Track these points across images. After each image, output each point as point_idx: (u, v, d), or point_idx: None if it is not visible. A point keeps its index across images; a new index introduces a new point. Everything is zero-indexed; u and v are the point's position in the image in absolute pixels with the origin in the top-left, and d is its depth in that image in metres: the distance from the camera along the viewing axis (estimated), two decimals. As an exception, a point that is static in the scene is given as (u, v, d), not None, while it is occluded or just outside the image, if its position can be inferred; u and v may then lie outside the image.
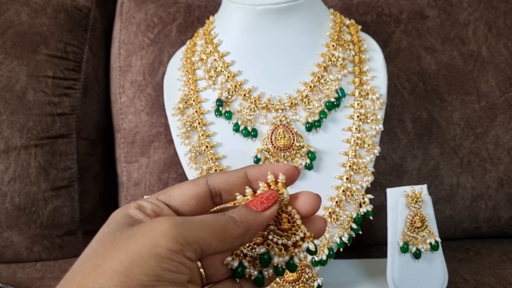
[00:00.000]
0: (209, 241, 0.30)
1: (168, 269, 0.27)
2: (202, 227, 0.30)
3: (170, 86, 0.61)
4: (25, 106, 0.72)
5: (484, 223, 0.75)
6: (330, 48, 0.57)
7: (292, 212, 0.34)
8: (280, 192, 0.34)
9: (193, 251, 0.29)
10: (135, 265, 0.26)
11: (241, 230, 0.31)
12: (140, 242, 0.28)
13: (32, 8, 0.77)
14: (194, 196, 0.35)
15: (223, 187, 0.35)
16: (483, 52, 0.75)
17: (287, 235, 0.34)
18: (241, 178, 0.35)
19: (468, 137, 0.73)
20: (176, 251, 0.28)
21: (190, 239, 0.28)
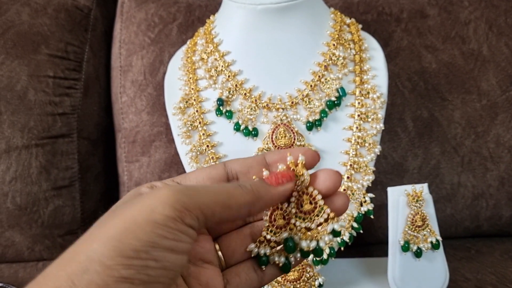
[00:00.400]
0: (212, 207, 0.29)
1: (164, 236, 0.26)
2: (205, 193, 0.29)
3: (171, 86, 0.62)
4: (26, 106, 0.72)
5: (485, 221, 0.75)
6: (331, 47, 0.56)
7: (314, 193, 0.33)
8: (300, 173, 0.33)
9: (194, 218, 0.28)
10: (129, 231, 0.26)
11: (249, 197, 0.30)
12: (137, 209, 0.27)
13: (32, 8, 0.77)
14: (209, 178, 0.34)
15: (239, 169, 0.35)
16: (484, 51, 0.74)
17: (310, 217, 0.33)
18: (259, 161, 0.35)
19: (469, 136, 0.73)
20: (173, 217, 0.27)
21: (190, 206, 0.28)
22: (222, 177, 0.34)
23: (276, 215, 0.33)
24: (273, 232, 0.33)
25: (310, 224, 0.33)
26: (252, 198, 0.31)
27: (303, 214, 0.33)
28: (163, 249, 0.26)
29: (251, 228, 0.35)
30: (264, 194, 0.31)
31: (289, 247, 0.33)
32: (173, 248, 0.27)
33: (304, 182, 0.33)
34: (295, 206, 0.33)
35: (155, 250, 0.26)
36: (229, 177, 0.35)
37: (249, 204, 0.31)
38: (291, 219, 0.33)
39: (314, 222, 0.33)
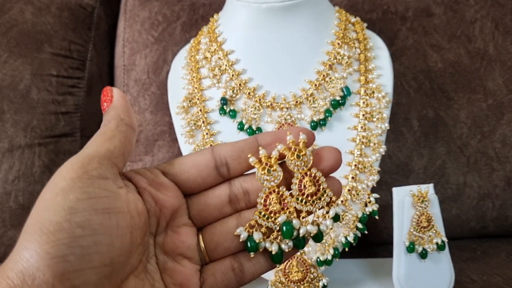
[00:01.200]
0: (112, 149, 0.30)
1: (77, 199, 0.26)
2: (90, 145, 0.30)
3: (174, 85, 0.61)
4: (29, 105, 0.72)
5: (491, 222, 0.74)
6: (336, 46, 0.56)
7: (317, 175, 0.31)
8: (303, 153, 0.31)
9: (98, 167, 0.28)
10: (43, 209, 0.26)
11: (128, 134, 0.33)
12: (46, 188, 0.27)
13: (36, 6, 0.77)
14: (195, 164, 0.32)
15: (229, 154, 0.32)
16: (490, 50, 0.74)
17: (312, 200, 0.31)
18: (250, 143, 0.33)
19: (475, 135, 0.72)
20: (77, 176, 0.27)
21: (85, 160, 0.28)
22: (210, 163, 0.32)
23: (271, 199, 0.31)
24: (266, 217, 0.31)
25: (312, 207, 0.31)
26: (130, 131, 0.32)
27: (305, 197, 0.31)
28: (83, 212, 0.26)
29: (237, 219, 0.33)
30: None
31: (287, 231, 0.31)
32: (94, 206, 0.26)
33: (307, 162, 0.31)
34: (297, 188, 0.31)
35: (75, 216, 0.25)
36: (217, 163, 0.32)
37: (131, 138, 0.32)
38: (291, 202, 0.32)
39: (316, 206, 0.31)
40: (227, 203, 0.33)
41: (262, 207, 0.31)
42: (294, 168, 0.31)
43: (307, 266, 0.54)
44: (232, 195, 0.33)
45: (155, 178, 0.32)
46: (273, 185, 0.31)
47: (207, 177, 0.32)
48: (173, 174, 0.32)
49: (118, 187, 0.29)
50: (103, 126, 0.31)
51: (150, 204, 0.31)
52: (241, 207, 0.33)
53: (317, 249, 0.54)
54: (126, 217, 0.28)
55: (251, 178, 0.33)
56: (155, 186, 0.31)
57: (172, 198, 0.32)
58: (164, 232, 0.32)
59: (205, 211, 0.33)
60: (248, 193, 0.33)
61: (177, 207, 0.32)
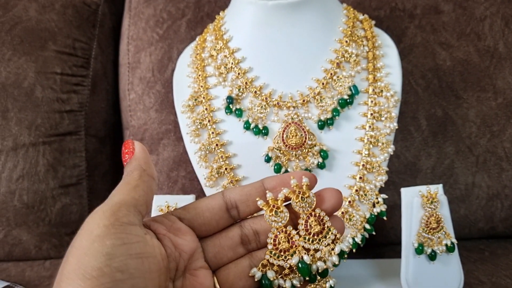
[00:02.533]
0: (137, 198, 0.31)
1: (113, 244, 0.27)
2: (117, 193, 0.32)
3: (180, 83, 0.61)
4: (33, 103, 0.71)
5: (500, 223, 0.73)
6: (343, 44, 0.55)
7: (321, 214, 0.34)
8: (306, 195, 0.34)
9: (127, 214, 0.29)
10: (82, 255, 0.27)
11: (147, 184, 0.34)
12: (80, 235, 0.28)
13: (40, 3, 0.76)
14: (208, 208, 0.35)
15: (238, 198, 0.35)
16: (500, 47, 0.73)
17: (318, 239, 0.34)
18: (257, 187, 0.36)
19: (484, 135, 0.71)
20: (110, 224, 0.28)
21: (115, 208, 0.29)
22: (222, 207, 0.35)
23: (280, 239, 0.34)
24: (277, 256, 0.34)
25: (319, 245, 0.34)
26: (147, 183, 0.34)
27: (312, 236, 0.34)
28: (120, 257, 0.27)
29: (250, 259, 0.35)
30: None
31: (303, 269, 0.33)
32: (129, 252, 0.28)
33: (311, 203, 0.34)
34: (303, 228, 0.34)
35: (114, 261, 0.27)
36: (228, 206, 0.35)
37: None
38: (299, 241, 0.34)
39: (322, 244, 0.34)
40: (240, 244, 0.36)
41: (273, 247, 0.34)
42: (299, 209, 0.34)
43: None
44: (243, 236, 0.36)
45: (172, 224, 0.34)
46: (280, 225, 0.34)
47: (220, 220, 0.35)
48: (189, 219, 0.35)
49: (144, 233, 0.31)
50: (126, 176, 0.34)
51: (171, 249, 0.33)
52: (252, 247, 0.36)
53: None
54: (155, 261, 0.30)
55: (260, 220, 0.36)
56: (173, 232, 0.34)
57: (190, 242, 0.34)
58: (183, 276, 0.34)
59: (221, 252, 0.35)
60: (258, 234, 0.36)
61: (194, 251, 0.34)
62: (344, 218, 0.53)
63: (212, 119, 0.56)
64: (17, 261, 0.75)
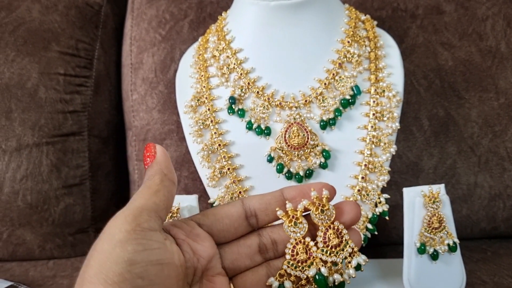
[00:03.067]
0: (158, 203, 0.31)
1: (134, 250, 0.28)
2: (138, 198, 0.32)
3: (182, 84, 0.61)
4: (37, 104, 0.71)
5: (502, 223, 0.73)
6: (345, 45, 0.55)
7: (340, 227, 0.34)
8: (326, 207, 0.34)
9: (148, 220, 0.29)
10: (104, 260, 0.27)
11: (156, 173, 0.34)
12: (101, 239, 0.29)
13: (43, 4, 0.76)
14: (228, 215, 0.35)
15: (258, 207, 0.35)
16: (502, 47, 0.73)
17: (336, 251, 0.34)
18: (277, 197, 0.36)
19: (486, 135, 0.71)
20: (132, 229, 0.28)
21: (136, 212, 0.30)
22: (241, 215, 0.35)
23: (298, 249, 0.34)
24: (294, 266, 0.34)
25: (336, 258, 0.34)
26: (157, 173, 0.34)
27: (330, 248, 0.34)
28: (141, 263, 0.27)
29: (267, 268, 0.35)
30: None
31: (320, 281, 0.33)
32: (150, 258, 0.28)
33: (330, 216, 0.34)
34: (322, 240, 0.34)
35: (135, 267, 0.27)
36: (247, 214, 0.35)
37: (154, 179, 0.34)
38: (316, 253, 0.34)
39: (339, 256, 0.34)
40: (257, 252, 0.36)
41: (290, 257, 0.34)
42: (318, 221, 0.34)
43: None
44: (261, 244, 0.36)
45: (192, 229, 0.34)
46: (299, 236, 0.34)
47: (238, 227, 0.35)
48: (208, 225, 0.35)
49: (164, 239, 0.31)
50: (148, 180, 0.34)
51: (189, 254, 0.33)
52: (270, 256, 0.36)
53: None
54: (174, 268, 0.30)
55: (278, 229, 0.36)
56: (192, 238, 0.34)
57: (209, 248, 0.34)
58: (200, 282, 0.34)
59: (238, 260, 0.35)
60: (276, 243, 0.36)
61: (212, 257, 0.34)
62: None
63: (215, 120, 0.56)
64: (21, 261, 0.75)
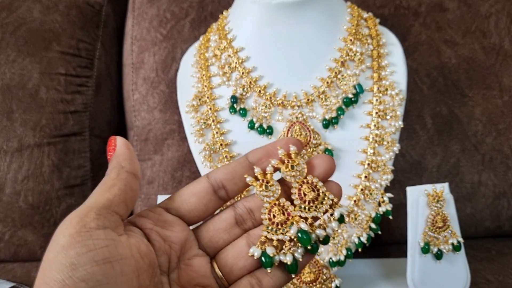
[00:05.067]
0: (112, 198, 0.30)
1: (78, 253, 0.26)
2: (91, 197, 0.31)
3: (184, 83, 0.60)
4: (38, 104, 0.71)
5: (507, 221, 0.73)
6: (348, 43, 0.55)
7: (314, 181, 0.33)
8: (296, 163, 0.32)
9: (93, 219, 0.28)
10: (48, 268, 0.27)
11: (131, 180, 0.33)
12: (48, 248, 0.28)
13: (44, 5, 0.76)
14: (194, 193, 0.34)
15: (224, 177, 0.34)
16: (506, 45, 0.72)
17: (314, 206, 0.32)
18: (242, 163, 0.34)
19: (490, 133, 0.71)
20: (76, 232, 0.27)
21: (83, 213, 0.29)
22: (208, 190, 0.34)
23: (274, 212, 0.33)
24: (274, 230, 0.32)
25: (317, 212, 0.32)
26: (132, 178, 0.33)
27: (307, 204, 0.32)
28: (84, 266, 0.26)
29: (247, 238, 0.34)
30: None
31: (304, 239, 0.31)
32: (95, 258, 0.27)
33: (302, 171, 0.32)
34: (297, 197, 0.32)
35: (77, 271, 0.26)
36: (214, 188, 0.34)
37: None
38: (294, 211, 0.32)
39: (319, 210, 0.32)
40: (235, 225, 0.34)
41: (268, 222, 0.33)
42: (290, 179, 0.33)
43: (319, 267, 0.53)
44: (237, 216, 0.34)
45: (159, 217, 0.33)
46: (273, 199, 0.33)
47: (208, 203, 0.34)
48: (175, 208, 0.34)
49: (119, 234, 0.29)
50: (105, 176, 0.33)
51: (160, 242, 0.32)
52: (249, 226, 0.35)
53: (330, 249, 0.53)
54: (130, 262, 0.28)
55: (253, 197, 0.35)
56: (160, 225, 0.33)
57: (179, 232, 0.33)
58: (177, 267, 0.33)
59: (216, 236, 0.34)
60: (253, 212, 0.34)
61: (185, 240, 0.33)
62: (349, 217, 0.53)
63: (216, 119, 0.56)
64: (23, 262, 0.75)
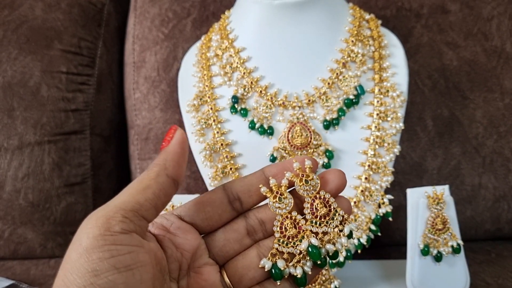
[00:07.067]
0: (143, 202, 0.29)
1: (100, 258, 0.26)
2: (123, 193, 0.29)
3: (185, 82, 0.60)
4: (39, 102, 0.71)
5: (507, 224, 0.73)
6: (349, 44, 0.55)
7: (326, 196, 0.33)
8: (310, 178, 0.33)
9: (119, 222, 0.27)
10: (68, 270, 0.26)
11: (163, 179, 0.31)
12: (70, 246, 0.27)
13: (46, 3, 0.76)
14: (209, 203, 0.34)
15: (240, 189, 0.34)
16: (507, 47, 0.72)
17: (325, 221, 0.33)
18: (259, 176, 0.34)
19: (491, 135, 0.71)
20: (99, 235, 0.26)
21: (110, 214, 0.27)
22: (223, 200, 0.34)
23: (286, 225, 0.33)
24: (285, 243, 0.33)
25: (327, 228, 0.33)
26: (164, 178, 0.31)
27: (319, 219, 0.33)
28: (106, 273, 0.26)
29: (257, 249, 0.34)
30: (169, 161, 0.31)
31: (314, 253, 0.32)
32: (117, 265, 0.26)
33: (315, 186, 0.33)
34: (309, 212, 0.33)
35: (99, 278, 0.26)
36: (230, 199, 0.34)
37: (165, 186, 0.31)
38: (306, 226, 0.33)
39: (330, 226, 0.33)
40: (246, 235, 0.34)
41: (280, 234, 0.33)
42: (303, 193, 0.33)
43: (318, 268, 0.53)
44: (249, 227, 0.34)
45: (172, 223, 0.33)
46: (285, 212, 0.33)
47: (222, 213, 0.34)
48: (189, 216, 0.34)
49: (141, 240, 0.29)
50: (146, 171, 0.31)
51: (172, 250, 0.32)
52: (259, 237, 0.34)
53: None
54: (149, 270, 0.28)
55: (265, 209, 0.34)
56: (173, 232, 0.33)
57: (192, 240, 0.33)
58: (187, 275, 0.33)
59: (227, 246, 0.34)
60: (264, 223, 0.34)
61: (197, 248, 0.33)
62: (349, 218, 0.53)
63: (217, 119, 0.56)
64: (22, 260, 0.75)
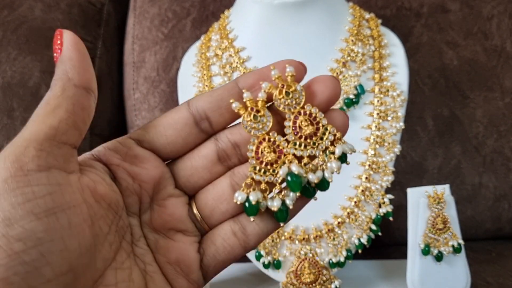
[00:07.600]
0: (57, 125, 0.25)
1: (16, 203, 0.21)
2: (30, 123, 0.25)
3: (185, 82, 0.60)
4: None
5: (507, 224, 0.73)
6: (349, 43, 0.55)
7: (313, 111, 0.27)
8: (293, 89, 0.26)
9: (33, 157, 0.23)
10: None
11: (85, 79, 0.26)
12: None
13: (45, 3, 0.76)
14: (171, 124, 0.28)
15: (207, 106, 0.28)
16: (507, 47, 0.72)
17: (312, 142, 0.27)
18: (231, 89, 0.28)
19: (491, 135, 0.71)
20: (11, 176, 0.22)
21: (20, 149, 0.23)
22: (188, 121, 0.28)
23: (263, 149, 0.27)
24: (263, 171, 0.27)
25: (315, 150, 0.27)
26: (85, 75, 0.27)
27: (304, 140, 0.27)
28: (21, 221, 0.21)
29: (230, 177, 0.29)
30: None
31: (294, 182, 0.26)
32: (34, 210, 0.22)
33: (298, 99, 0.27)
34: (291, 131, 0.27)
35: (12, 228, 0.21)
36: (196, 118, 0.28)
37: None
38: (287, 149, 0.27)
39: (318, 147, 0.27)
40: (217, 162, 0.29)
41: (256, 160, 0.27)
42: (284, 108, 0.27)
43: (319, 268, 0.53)
44: (220, 151, 0.29)
45: (128, 150, 0.28)
46: (262, 133, 0.27)
47: (187, 137, 0.28)
48: (148, 140, 0.29)
49: (69, 172, 0.24)
50: (49, 91, 0.26)
51: (127, 181, 0.28)
52: (233, 163, 0.29)
53: (330, 251, 0.53)
54: (80, 210, 0.24)
55: (239, 129, 0.29)
56: (129, 160, 0.28)
57: (151, 169, 0.28)
58: (150, 208, 0.29)
59: (194, 175, 0.29)
60: (238, 146, 0.29)
61: (159, 179, 0.29)
62: (349, 218, 0.53)
63: (217, 119, 0.56)
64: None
